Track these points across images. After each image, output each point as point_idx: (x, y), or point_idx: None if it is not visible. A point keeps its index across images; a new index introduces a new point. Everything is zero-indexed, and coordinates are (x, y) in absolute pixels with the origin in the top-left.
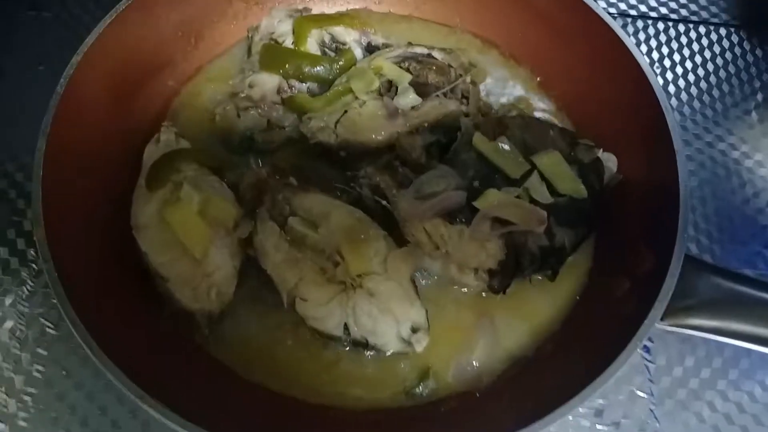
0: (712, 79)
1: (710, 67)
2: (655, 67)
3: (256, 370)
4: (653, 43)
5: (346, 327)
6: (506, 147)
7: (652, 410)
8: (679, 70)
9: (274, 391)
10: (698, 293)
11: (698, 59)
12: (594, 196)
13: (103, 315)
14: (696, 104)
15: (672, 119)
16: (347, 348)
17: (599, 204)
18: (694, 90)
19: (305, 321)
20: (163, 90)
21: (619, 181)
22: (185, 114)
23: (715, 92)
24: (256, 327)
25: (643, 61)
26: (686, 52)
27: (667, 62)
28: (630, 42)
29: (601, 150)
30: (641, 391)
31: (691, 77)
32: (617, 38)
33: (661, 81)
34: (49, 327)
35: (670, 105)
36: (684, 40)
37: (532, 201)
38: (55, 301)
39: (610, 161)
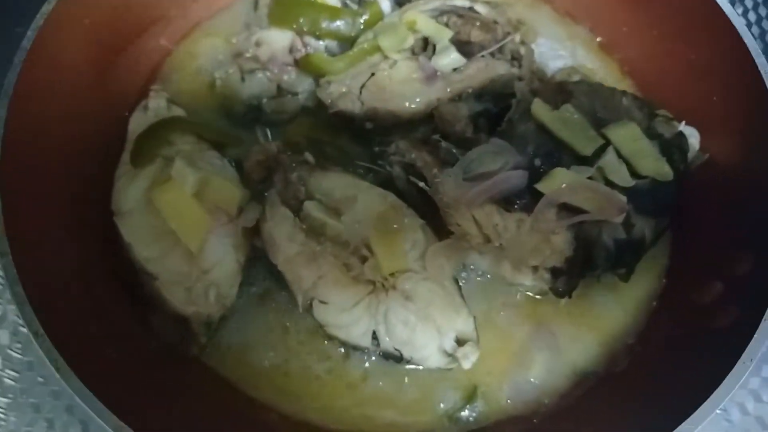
0: None
1: None
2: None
3: (264, 387)
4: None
5: (374, 335)
6: (575, 116)
7: None
8: None
9: (286, 414)
10: None
11: None
12: (678, 179)
13: (76, 324)
14: None
15: None
16: (375, 360)
17: (682, 189)
18: None
19: (324, 328)
20: (153, 49)
21: (704, 162)
22: (179, 78)
23: None
24: (264, 335)
25: (738, 21)
26: None
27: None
28: None
29: (683, 123)
30: None
31: None
32: None
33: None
34: (23, 325)
35: None
36: None
37: (608, 183)
38: None
39: (692, 137)
